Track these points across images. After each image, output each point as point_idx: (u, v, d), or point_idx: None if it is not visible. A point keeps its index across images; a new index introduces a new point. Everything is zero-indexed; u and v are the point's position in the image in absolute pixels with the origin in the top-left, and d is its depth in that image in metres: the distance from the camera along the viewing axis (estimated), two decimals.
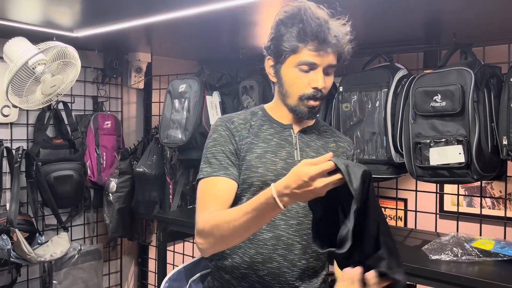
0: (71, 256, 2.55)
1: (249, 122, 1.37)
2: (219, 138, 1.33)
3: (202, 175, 1.31)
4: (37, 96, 2.11)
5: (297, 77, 1.28)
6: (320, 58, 1.26)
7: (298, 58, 1.26)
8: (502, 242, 1.64)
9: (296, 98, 1.31)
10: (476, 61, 1.72)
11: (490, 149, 1.64)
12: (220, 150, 1.32)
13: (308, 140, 1.38)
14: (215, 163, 1.30)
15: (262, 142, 1.33)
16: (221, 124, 1.35)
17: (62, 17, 1.91)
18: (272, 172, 1.29)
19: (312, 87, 1.28)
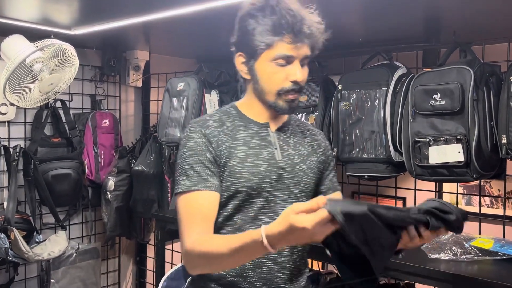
0: (69, 255, 2.54)
1: (224, 123, 1.30)
2: (195, 146, 1.25)
3: (181, 189, 1.23)
4: (35, 94, 2.10)
5: (274, 72, 1.24)
6: (297, 51, 1.22)
7: (274, 52, 1.21)
8: (501, 241, 1.64)
9: (274, 93, 1.26)
10: (476, 60, 1.72)
11: (489, 148, 1.64)
12: (198, 160, 1.24)
13: (286, 137, 1.34)
14: (193, 175, 1.23)
15: (242, 145, 1.27)
16: (196, 130, 1.27)
17: (60, 15, 1.90)
18: (256, 175, 1.25)
19: (290, 81, 1.24)
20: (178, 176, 1.25)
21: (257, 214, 1.25)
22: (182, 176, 1.24)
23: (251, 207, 1.25)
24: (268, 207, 1.26)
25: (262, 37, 1.21)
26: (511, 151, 1.59)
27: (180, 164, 1.26)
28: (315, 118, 2.09)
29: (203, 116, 1.35)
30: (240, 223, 1.25)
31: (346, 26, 1.96)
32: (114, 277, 3.00)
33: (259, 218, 1.25)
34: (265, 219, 1.25)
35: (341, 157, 1.99)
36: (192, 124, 1.31)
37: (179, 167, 1.26)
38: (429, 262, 1.52)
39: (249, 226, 1.24)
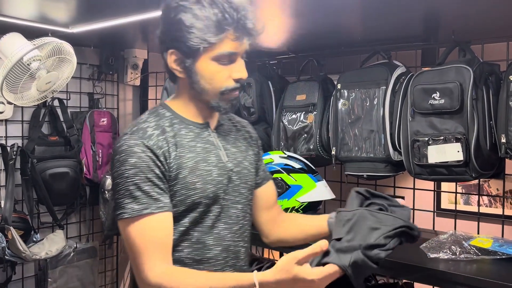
0: (67, 254, 2.53)
1: (164, 129, 1.17)
2: (139, 163, 1.10)
3: (128, 214, 1.09)
4: (32, 93, 2.09)
5: (217, 71, 1.15)
6: (240, 47, 1.15)
7: (217, 50, 1.12)
8: (500, 241, 1.64)
9: (217, 93, 1.18)
10: (475, 59, 1.72)
11: (488, 147, 1.64)
12: (145, 178, 1.10)
13: (225, 135, 1.29)
14: (141, 196, 1.09)
15: (189, 152, 1.18)
16: (136, 143, 1.12)
17: (58, 13, 1.89)
18: (210, 183, 1.18)
19: (234, 79, 1.17)
20: (122, 199, 1.11)
21: (213, 223, 1.20)
22: (127, 198, 1.10)
23: (208, 216, 1.19)
24: (223, 213, 1.22)
25: (204, 34, 1.10)
26: (510, 150, 1.59)
27: (121, 184, 1.11)
28: (314, 117, 2.09)
29: (138, 124, 1.18)
30: (198, 236, 1.19)
31: (345, 25, 1.95)
32: (112, 276, 2.99)
33: (216, 226, 1.21)
34: (221, 226, 1.22)
35: (340, 156, 1.99)
36: (129, 135, 1.14)
37: (121, 187, 1.11)
38: (428, 262, 1.52)
39: (207, 237, 1.19)
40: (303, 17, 1.79)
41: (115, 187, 1.14)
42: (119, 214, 1.12)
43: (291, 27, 1.99)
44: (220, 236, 1.22)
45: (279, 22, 1.92)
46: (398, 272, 1.58)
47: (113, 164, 1.15)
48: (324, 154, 2.08)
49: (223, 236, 1.22)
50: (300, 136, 2.13)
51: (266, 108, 2.33)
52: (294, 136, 2.14)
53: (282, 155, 2.04)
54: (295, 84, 2.24)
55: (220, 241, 1.22)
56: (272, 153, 2.07)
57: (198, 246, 1.19)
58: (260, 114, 2.32)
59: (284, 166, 1.99)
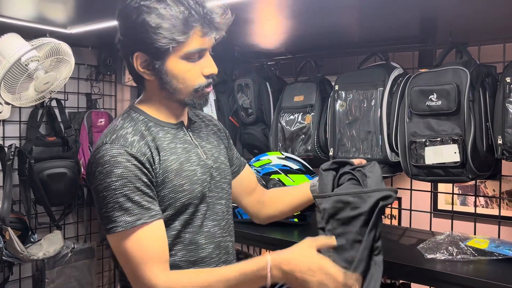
0: (64, 254, 2.52)
1: (143, 134, 1.14)
2: (126, 173, 1.06)
3: (122, 228, 1.05)
4: (30, 93, 2.09)
5: (188, 70, 1.13)
6: (207, 42, 1.13)
7: (186, 48, 1.10)
8: (497, 241, 1.65)
9: (190, 91, 1.16)
10: (472, 61, 1.73)
11: (485, 148, 1.65)
12: (134, 188, 1.06)
13: (198, 132, 1.30)
14: (132, 208, 1.06)
15: (171, 154, 1.16)
16: (120, 152, 1.07)
17: (56, 13, 1.89)
18: (196, 182, 1.18)
19: (206, 75, 1.16)
20: (111, 212, 1.06)
21: (202, 222, 1.21)
22: (117, 211, 1.05)
23: (196, 216, 1.19)
24: (209, 210, 1.23)
25: (172, 34, 1.07)
26: (506, 151, 1.60)
27: (109, 197, 1.06)
28: (312, 118, 2.10)
29: (116, 131, 1.14)
30: (190, 237, 1.19)
31: (343, 26, 1.96)
32: (110, 277, 2.99)
33: (205, 225, 1.22)
34: (210, 224, 1.23)
35: (338, 157, 1.99)
36: (109, 144, 1.09)
37: (109, 200, 1.06)
38: (425, 262, 1.53)
39: (198, 237, 1.20)
40: (301, 19, 1.80)
41: (101, 201, 1.08)
42: (110, 229, 1.07)
43: (289, 28, 1.99)
44: (211, 234, 1.23)
45: (277, 23, 1.93)
46: (395, 272, 1.59)
47: (95, 177, 1.08)
48: (321, 155, 2.08)
49: (213, 233, 1.24)
50: (298, 137, 2.13)
51: (264, 109, 2.33)
52: (292, 137, 2.15)
53: (280, 156, 2.05)
54: (293, 85, 2.25)
55: (212, 238, 1.23)
56: (270, 154, 2.08)
57: (191, 247, 1.19)
58: (258, 115, 2.33)
59: (282, 167, 1.99)
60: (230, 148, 1.44)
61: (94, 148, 1.14)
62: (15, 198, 2.38)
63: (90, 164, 1.13)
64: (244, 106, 2.35)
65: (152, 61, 1.12)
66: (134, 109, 1.22)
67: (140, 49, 1.12)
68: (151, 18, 1.06)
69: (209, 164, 1.25)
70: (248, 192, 1.47)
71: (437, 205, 2.66)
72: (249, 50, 2.37)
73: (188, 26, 1.07)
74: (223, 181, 1.30)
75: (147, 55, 1.12)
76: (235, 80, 2.42)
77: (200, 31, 1.09)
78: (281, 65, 2.61)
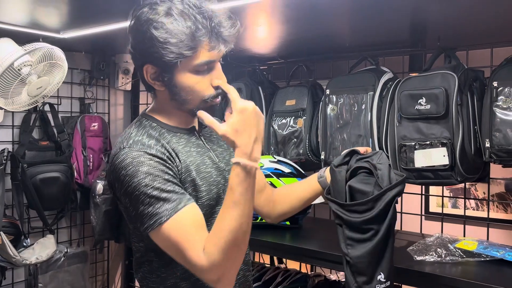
0: (57, 258, 2.52)
1: (157, 138, 1.16)
2: (152, 169, 1.08)
3: (166, 217, 1.05)
4: (23, 98, 2.10)
5: (197, 82, 1.14)
6: (216, 54, 1.13)
7: (195, 61, 1.11)
8: (485, 243, 1.67)
9: (198, 102, 1.17)
10: (460, 65, 1.75)
11: (473, 152, 1.67)
12: (164, 180, 1.08)
13: (208, 136, 1.32)
14: (169, 196, 1.07)
15: (188, 157, 1.18)
16: (140, 153, 1.09)
17: (49, 18, 1.90)
18: (212, 184, 1.21)
19: (215, 86, 1.17)
20: (148, 208, 1.06)
21: None
22: (155, 205, 1.06)
23: (213, 217, 1.18)
24: None
25: (179, 48, 1.07)
26: (494, 154, 1.62)
27: (142, 195, 1.06)
28: (303, 122, 2.11)
29: (131, 137, 1.15)
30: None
31: (334, 31, 1.98)
32: (103, 281, 2.99)
33: None
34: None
35: (329, 161, 2.00)
36: (128, 148, 1.11)
37: (143, 198, 1.06)
38: (414, 264, 1.55)
39: None
40: (293, 24, 1.82)
41: (135, 201, 1.07)
42: (154, 223, 1.06)
43: (281, 33, 2.01)
44: None
45: (269, 28, 1.95)
46: None
47: (120, 181, 1.09)
48: (313, 159, 2.10)
49: None
50: (290, 141, 2.15)
51: None
52: (284, 141, 2.17)
53: (272, 160, 2.06)
54: (284, 89, 2.27)
55: None
56: (262, 158, 2.09)
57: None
58: None
59: (274, 171, 2.01)
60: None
61: (112, 155, 1.15)
62: (8, 202, 2.37)
63: (111, 172, 1.13)
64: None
65: (161, 73, 1.14)
66: (146, 116, 1.23)
67: (149, 61, 1.13)
68: (159, 33, 1.07)
69: (222, 167, 1.27)
70: (258, 191, 1.48)
71: (429, 208, 2.69)
72: (241, 54, 2.39)
73: (196, 41, 1.08)
74: None
75: (156, 67, 1.13)
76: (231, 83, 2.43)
77: (208, 45, 1.10)
78: (273, 69, 2.64)
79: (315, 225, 2.22)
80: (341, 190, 1.34)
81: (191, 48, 1.08)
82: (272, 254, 2.32)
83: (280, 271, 2.09)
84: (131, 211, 1.11)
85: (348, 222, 1.31)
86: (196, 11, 1.08)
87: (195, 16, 1.08)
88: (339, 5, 1.53)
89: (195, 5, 1.09)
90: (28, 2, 1.69)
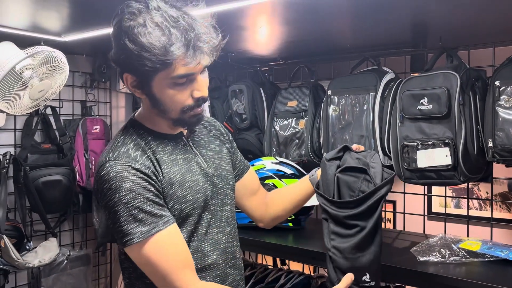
0: (60, 261, 2.52)
1: (143, 148, 1.16)
2: (134, 186, 1.08)
3: (139, 239, 1.07)
4: (25, 101, 2.10)
5: (175, 93, 1.11)
6: (195, 66, 1.09)
7: (171, 73, 1.08)
8: (489, 243, 1.67)
9: (178, 112, 1.15)
10: (462, 65, 1.75)
11: (476, 151, 1.67)
12: (144, 199, 1.08)
13: (198, 140, 1.30)
14: (146, 218, 1.08)
15: (173, 166, 1.17)
16: (124, 168, 1.09)
17: (50, 22, 1.90)
18: (199, 192, 1.20)
19: (194, 98, 1.14)
20: (125, 225, 1.08)
21: (207, 229, 1.23)
22: (131, 223, 1.07)
23: (201, 224, 1.21)
24: (213, 217, 1.25)
25: (152, 62, 1.04)
26: (497, 154, 1.62)
27: (122, 212, 1.08)
28: (305, 123, 2.11)
29: (117, 148, 1.15)
30: (195, 245, 1.20)
31: (335, 32, 1.98)
32: (106, 284, 2.99)
33: (209, 232, 1.23)
34: (214, 231, 1.25)
35: None
36: (113, 161, 1.11)
37: (122, 214, 1.07)
38: (418, 265, 1.54)
39: (203, 244, 1.22)
40: (294, 25, 1.82)
41: (113, 216, 1.09)
42: (127, 241, 1.08)
43: (282, 34, 2.01)
44: (215, 241, 1.24)
45: (270, 30, 1.95)
46: (388, 275, 1.60)
47: (103, 194, 1.10)
48: (315, 160, 2.10)
49: (218, 240, 1.25)
50: (292, 142, 2.15)
51: (258, 114, 2.35)
52: (286, 142, 2.16)
53: (274, 161, 2.06)
54: (286, 91, 2.27)
55: (217, 245, 1.24)
56: (264, 159, 2.09)
57: (198, 255, 1.21)
58: (252, 120, 2.35)
59: (276, 172, 2.01)
60: (233, 152, 1.44)
61: (98, 166, 1.15)
62: (10, 206, 2.38)
63: (96, 181, 1.15)
64: (238, 111, 2.37)
65: (140, 83, 1.13)
66: (133, 123, 1.23)
67: (127, 70, 1.13)
68: (133, 45, 1.05)
69: (211, 172, 1.26)
70: (251, 194, 1.49)
71: (431, 208, 2.68)
72: (242, 56, 2.39)
73: (169, 55, 1.04)
74: (226, 187, 1.31)
75: (135, 76, 1.12)
76: (229, 86, 2.44)
77: (183, 60, 1.06)
78: (274, 70, 2.63)
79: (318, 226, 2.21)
80: (330, 183, 1.32)
81: (164, 62, 1.05)
82: (275, 255, 2.32)
83: (283, 272, 2.09)
84: (109, 223, 1.13)
85: (334, 217, 1.28)
86: (172, 24, 1.05)
87: (170, 29, 1.04)
88: (340, 6, 1.53)
89: (172, 17, 1.05)
90: (29, 5, 1.69)
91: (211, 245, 1.23)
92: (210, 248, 1.23)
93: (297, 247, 1.80)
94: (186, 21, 1.06)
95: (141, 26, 1.04)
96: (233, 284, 1.29)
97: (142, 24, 1.04)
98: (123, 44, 1.06)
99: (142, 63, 1.05)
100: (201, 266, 1.21)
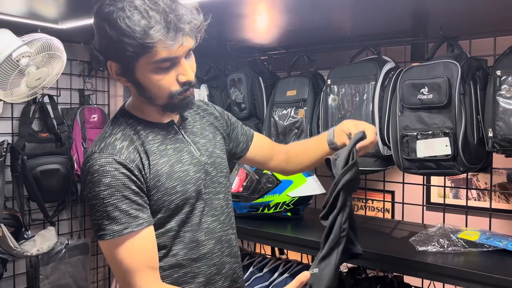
0: (58, 250, 2.53)
1: (132, 138, 1.14)
2: (113, 182, 1.07)
3: (110, 236, 1.07)
4: (22, 89, 2.08)
5: (160, 78, 1.09)
6: (179, 49, 1.06)
7: (153, 57, 1.05)
8: (487, 233, 1.67)
9: (165, 98, 1.12)
10: (463, 54, 1.74)
11: (476, 141, 1.66)
12: (122, 197, 1.07)
13: (190, 128, 1.27)
14: (119, 216, 1.07)
15: (161, 157, 1.15)
16: (108, 161, 1.08)
17: (47, 9, 1.88)
18: (189, 182, 1.18)
19: (180, 82, 1.11)
20: (100, 220, 1.08)
21: (201, 218, 1.22)
22: (105, 220, 1.07)
23: (194, 214, 1.20)
24: (207, 206, 1.24)
25: (133, 47, 1.02)
26: (497, 144, 1.61)
27: (98, 206, 1.07)
28: (304, 112, 2.10)
29: (105, 138, 1.14)
30: (189, 235, 1.19)
31: (335, 21, 1.96)
32: (104, 272, 2.99)
33: (203, 221, 1.22)
34: (209, 220, 1.24)
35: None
36: (98, 153, 1.10)
37: (98, 209, 1.07)
38: (416, 255, 1.54)
39: (198, 234, 1.21)
40: (293, 13, 1.80)
41: (91, 208, 1.10)
42: (100, 236, 1.09)
43: (282, 23, 1.99)
44: (210, 230, 1.23)
45: (270, 18, 1.93)
46: (387, 265, 1.60)
47: (85, 185, 1.10)
48: None
49: (213, 229, 1.24)
50: (291, 132, 2.14)
51: (257, 103, 2.34)
52: (285, 132, 2.15)
53: None
54: (285, 80, 2.25)
55: (212, 234, 1.24)
56: None
57: (192, 245, 1.20)
58: (251, 109, 2.33)
59: None
60: (233, 129, 1.43)
61: (85, 157, 1.14)
62: (8, 194, 2.37)
63: (82, 172, 1.14)
64: (237, 101, 2.35)
65: (124, 70, 1.10)
66: (123, 112, 1.21)
67: (110, 58, 1.10)
68: (113, 30, 1.02)
69: (203, 160, 1.24)
70: (268, 156, 1.52)
71: (430, 198, 2.68)
72: (241, 45, 2.37)
73: (149, 38, 1.01)
74: (219, 175, 1.29)
75: (118, 64, 1.10)
76: (228, 75, 2.42)
77: (164, 42, 1.03)
78: (273, 59, 2.62)
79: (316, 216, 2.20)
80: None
81: (144, 46, 1.02)
82: (273, 245, 2.32)
83: (281, 262, 2.09)
84: (90, 214, 1.13)
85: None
86: (151, 7, 1.02)
87: (148, 12, 1.01)
88: None
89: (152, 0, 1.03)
90: None
91: (206, 234, 1.22)
92: (205, 237, 1.22)
93: (296, 237, 1.80)
94: (165, 2, 1.03)
95: (120, 10, 1.01)
96: (230, 272, 1.28)
97: (121, 8, 1.01)
98: (104, 31, 1.04)
99: (123, 49, 1.03)
100: (196, 256, 1.20)
